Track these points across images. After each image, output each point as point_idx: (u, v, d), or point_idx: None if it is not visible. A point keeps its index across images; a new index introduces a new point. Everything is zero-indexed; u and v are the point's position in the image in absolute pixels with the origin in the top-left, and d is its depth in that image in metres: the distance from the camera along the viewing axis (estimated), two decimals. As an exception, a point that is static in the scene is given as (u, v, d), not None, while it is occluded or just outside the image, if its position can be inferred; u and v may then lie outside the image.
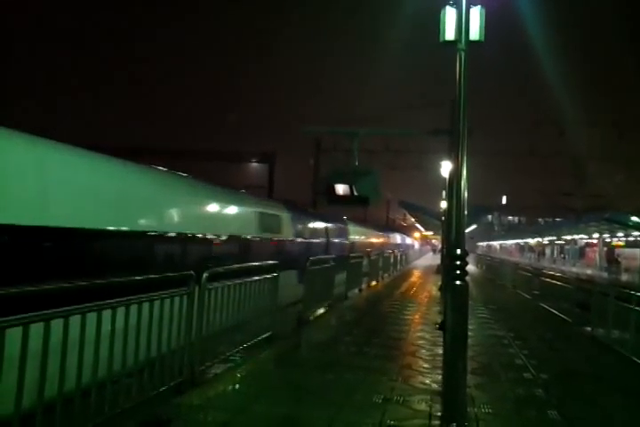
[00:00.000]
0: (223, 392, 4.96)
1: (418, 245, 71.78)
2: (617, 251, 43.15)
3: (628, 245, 41.67)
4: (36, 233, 5.43)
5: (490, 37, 4.58)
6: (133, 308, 4.10)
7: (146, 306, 4.27)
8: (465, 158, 4.51)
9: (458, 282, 4.32)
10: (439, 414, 4.33)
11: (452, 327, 4.29)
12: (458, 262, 4.34)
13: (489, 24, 4.54)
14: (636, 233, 35.52)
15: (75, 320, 3.47)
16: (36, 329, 3.18)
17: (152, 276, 4.76)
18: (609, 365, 7.09)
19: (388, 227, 56.05)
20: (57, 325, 3.32)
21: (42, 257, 5.58)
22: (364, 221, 35.04)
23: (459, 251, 4.36)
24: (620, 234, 40.11)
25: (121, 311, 3.93)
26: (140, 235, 7.35)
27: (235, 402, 4.69)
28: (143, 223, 7.63)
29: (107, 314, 3.79)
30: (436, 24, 4.57)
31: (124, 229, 7.04)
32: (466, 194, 4.51)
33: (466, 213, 4.58)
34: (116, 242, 6.87)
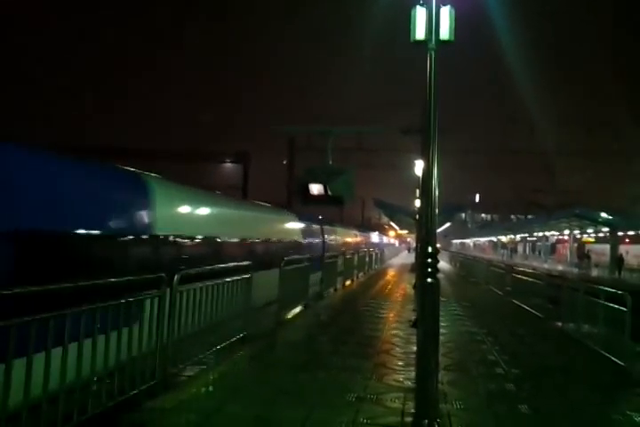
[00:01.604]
0: (196, 395, 4.91)
1: (393, 243, 72.21)
2: (587, 246, 44.11)
3: (598, 241, 42.63)
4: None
5: (461, 36, 4.61)
6: (102, 310, 4.03)
7: (116, 308, 4.20)
8: (436, 157, 4.53)
9: (429, 280, 4.34)
10: (412, 411, 4.36)
11: (424, 325, 4.31)
12: (429, 260, 4.36)
13: (459, 23, 4.57)
14: (605, 229, 36.37)
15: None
16: None
17: (129, 278, 4.67)
18: (578, 359, 7.24)
19: (364, 226, 56.30)
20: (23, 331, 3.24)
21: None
22: (340, 221, 35.17)
23: (430, 249, 4.38)
24: (590, 230, 41.02)
25: (89, 315, 3.85)
26: None
27: (208, 404, 4.64)
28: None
29: (74, 318, 3.72)
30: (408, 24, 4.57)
31: None
32: (437, 192, 4.55)
33: (437, 211, 4.61)
34: None
